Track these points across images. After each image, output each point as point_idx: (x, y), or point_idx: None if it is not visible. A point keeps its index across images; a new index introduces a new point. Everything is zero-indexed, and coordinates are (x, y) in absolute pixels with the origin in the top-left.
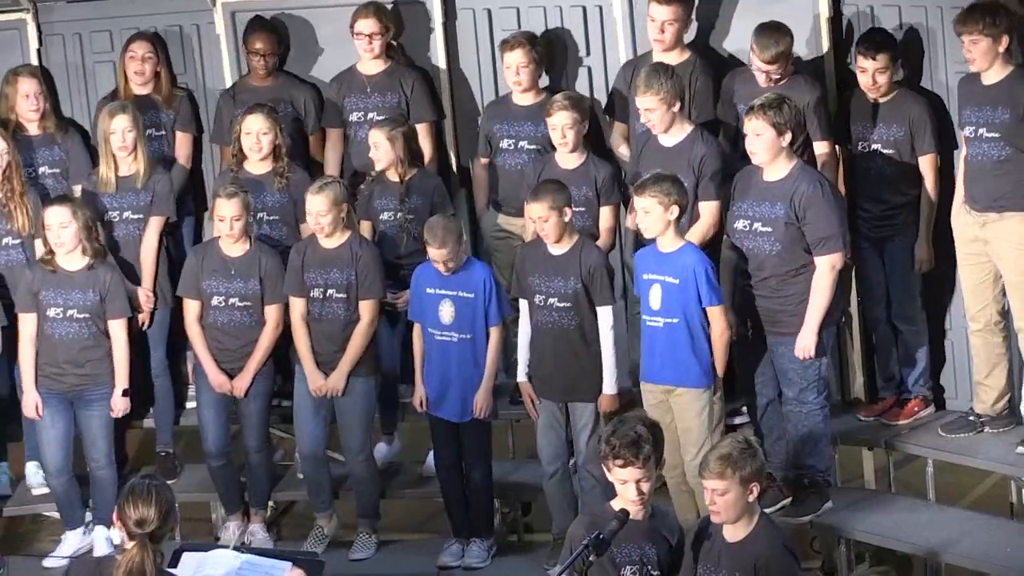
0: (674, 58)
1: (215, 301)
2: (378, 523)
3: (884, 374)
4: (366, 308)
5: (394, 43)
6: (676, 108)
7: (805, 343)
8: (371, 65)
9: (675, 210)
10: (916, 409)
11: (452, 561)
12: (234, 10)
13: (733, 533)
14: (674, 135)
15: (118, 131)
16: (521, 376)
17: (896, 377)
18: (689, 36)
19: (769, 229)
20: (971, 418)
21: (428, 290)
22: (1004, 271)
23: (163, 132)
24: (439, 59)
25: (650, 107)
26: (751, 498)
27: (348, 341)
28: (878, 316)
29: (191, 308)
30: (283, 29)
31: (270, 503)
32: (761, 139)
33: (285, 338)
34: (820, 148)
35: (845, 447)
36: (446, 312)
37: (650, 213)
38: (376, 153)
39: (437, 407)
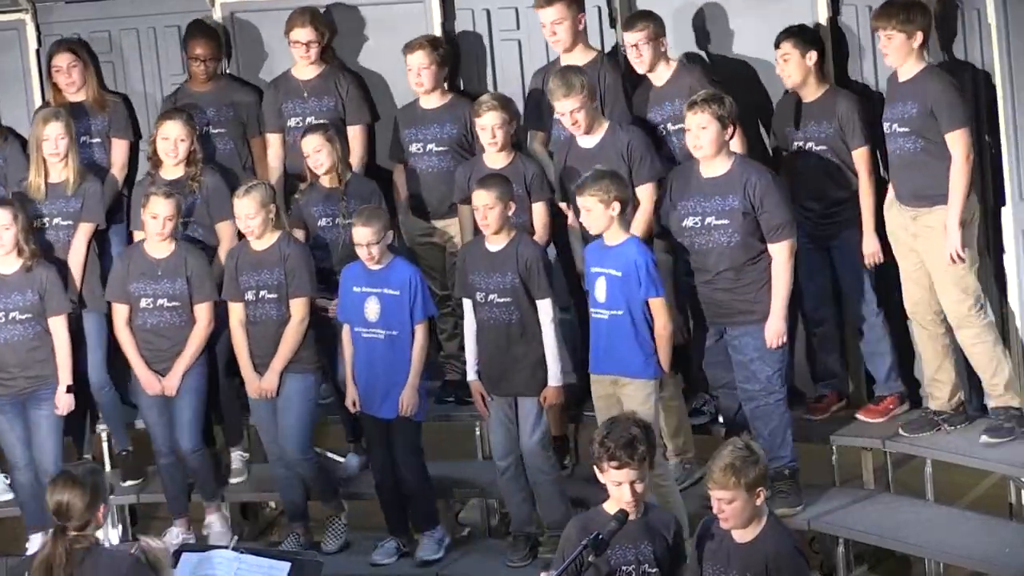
0: (580, 57)
1: (143, 303)
2: (342, 502)
3: (825, 373)
4: (296, 306)
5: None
6: (595, 104)
7: (776, 329)
8: (306, 70)
9: (616, 206)
10: (891, 406)
11: (383, 559)
12: (233, 10)
13: (742, 534)
14: (595, 134)
15: (51, 138)
16: (471, 375)
17: (837, 375)
18: (690, 42)
19: (725, 221)
20: (931, 416)
21: (355, 288)
22: (931, 265)
23: (98, 139)
24: None
25: (575, 107)
26: (758, 502)
27: None
28: (823, 316)
29: (119, 312)
30: (223, 33)
31: (270, 503)
32: (707, 132)
33: None
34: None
35: (844, 447)
36: (371, 309)
37: (592, 211)
38: (318, 157)
39: (368, 405)
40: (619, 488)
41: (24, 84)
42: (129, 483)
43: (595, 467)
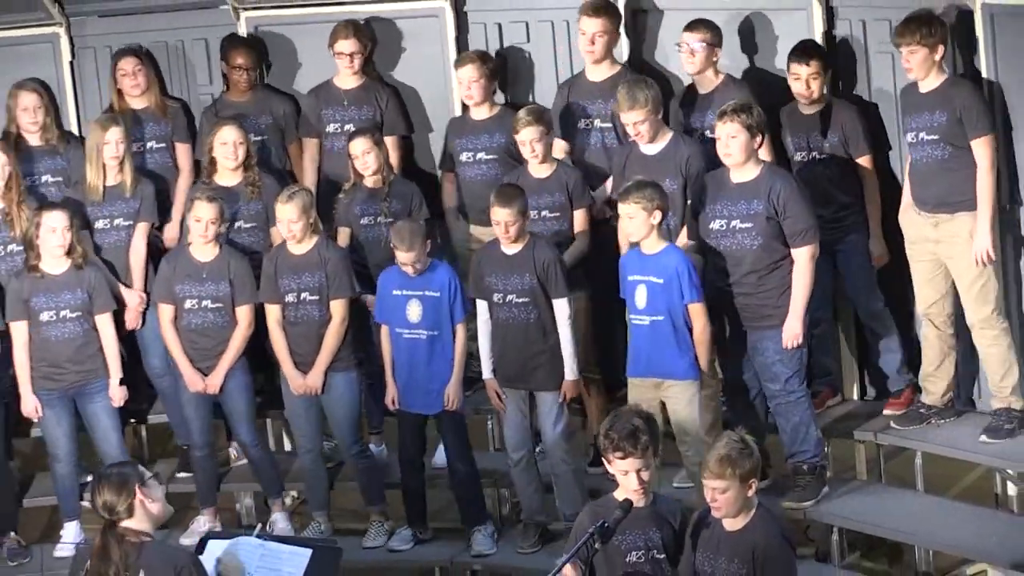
0: (605, 71)
1: (188, 304)
2: (386, 507)
3: (820, 370)
4: (337, 307)
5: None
6: (660, 115)
7: (794, 330)
8: (349, 80)
9: (657, 215)
10: (911, 396)
11: (400, 545)
12: (257, 24)
13: (732, 523)
14: (658, 143)
15: (112, 142)
16: (487, 373)
17: (832, 372)
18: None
19: (749, 225)
20: (921, 410)
21: (395, 291)
22: (955, 270)
23: (160, 144)
24: (452, 71)
25: (639, 119)
26: (750, 493)
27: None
28: (822, 317)
29: (165, 312)
30: (261, 45)
31: (292, 493)
32: (736, 141)
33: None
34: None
35: (838, 440)
36: (414, 311)
37: (634, 219)
38: (366, 160)
39: (406, 403)
40: (626, 477)
41: (59, 93)
42: (184, 475)
43: (603, 458)
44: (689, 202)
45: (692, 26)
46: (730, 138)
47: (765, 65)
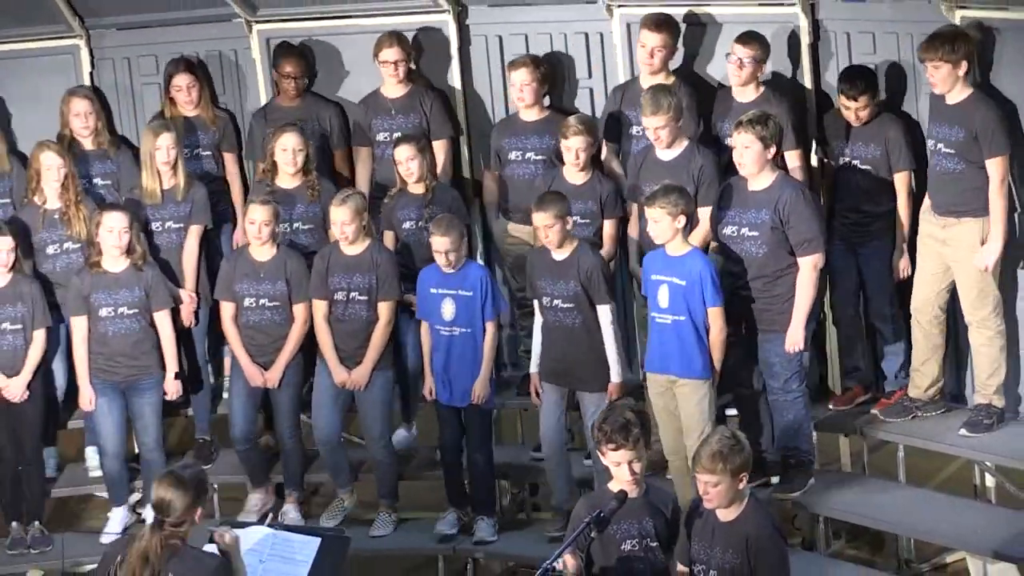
0: (661, 81)
1: (247, 302)
2: (396, 503)
3: (850, 367)
4: (384, 308)
5: (413, 67)
6: (680, 123)
7: (795, 337)
8: (394, 89)
9: (682, 219)
10: (902, 399)
11: (448, 529)
12: (268, 36)
13: (726, 514)
14: (674, 149)
15: (163, 148)
16: (534, 368)
17: (861, 369)
18: (676, 62)
19: (756, 233)
20: (906, 403)
21: (432, 290)
22: (958, 271)
23: (208, 151)
24: (455, 80)
25: (660, 125)
26: (741, 486)
27: (368, 339)
28: (849, 314)
29: (226, 309)
30: (310, 53)
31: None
32: (749, 151)
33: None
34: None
35: (824, 434)
36: (447, 309)
37: (659, 222)
38: (409, 166)
39: (442, 395)
40: (619, 468)
41: None
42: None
43: (596, 451)
44: (710, 207)
45: (744, 39)
46: (744, 148)
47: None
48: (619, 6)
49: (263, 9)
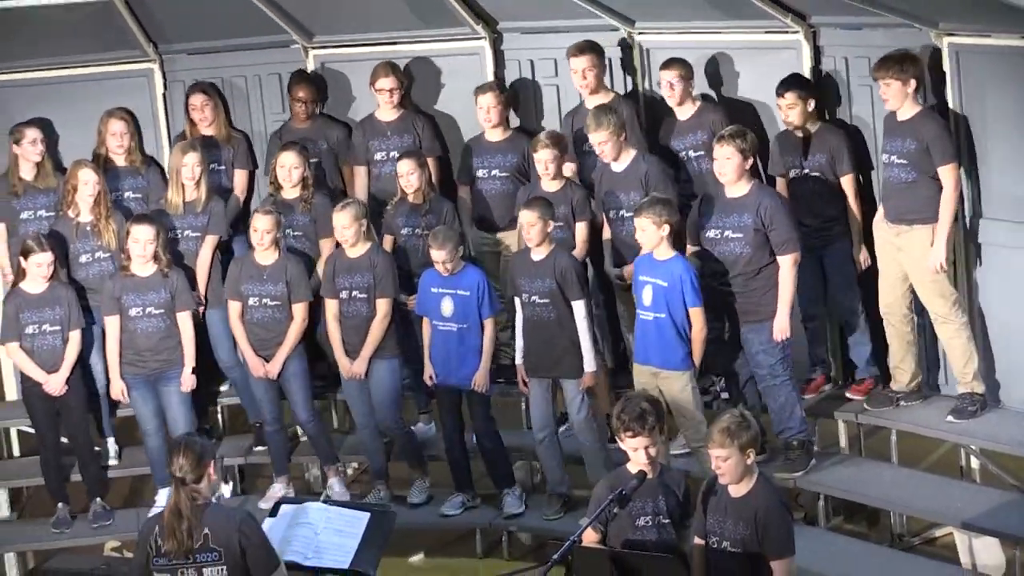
0: (601, 99)
1: (251, 301)
2: (426, 469)
3: (817, 360)
4: (382, 304)
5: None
6: (622, 138)
7: (781, 326)
8: (389, 113)
9: (666, 227)
10: (871, 386)
11: (451, 511)
12: (323, 60)
13: (737, 490)
14: (623, 161)
15: (188, 165)
16: (518, 359)
17: (827, 361)
18: (697, 88)
19: (740, 235)
20: (890, 395)
21: (432, 289)
22: (912, 273)
23: (224, 167)
24: None
25: (603, 140)
26: (749, 461)
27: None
28: (815, 313)
29: (234, 308)
30: (321, 81)
31: (353, 464)
32: (731, 162)
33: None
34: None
35: (823, 420)
36: (447, 307)
37: (646, 231)
38: (410, 179)
39: (442, 380)
40: (635, 453)
41: (153, 121)
42: (260, 448)
43: (616, 436)
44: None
45: (667, 65)
46: (725, 159)
47: (762, 96)
48: (639, 33)
49: (319, 36)
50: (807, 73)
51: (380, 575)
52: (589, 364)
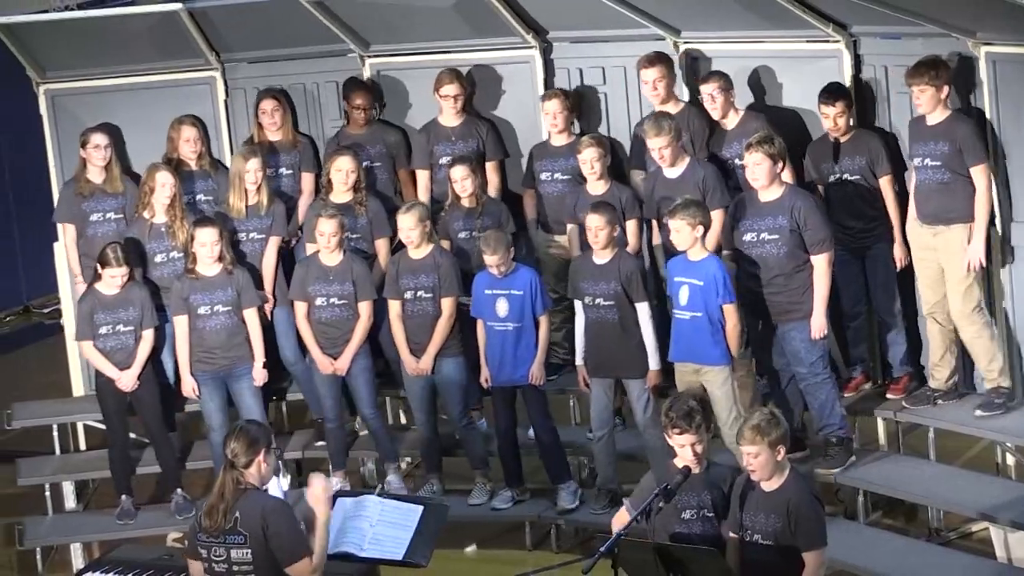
0: (671, 109)
1: (319, 301)
2: (489, 471)
3: (857, 359)
4: (447, 303)
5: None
6: (679, 144)
7: (819, 324)
8: (452, 118)
9: (700, 229)
10: (908, 383)
11: (502, 505)
12: (379, 68)
13: (769, 484)
14: (678, 167)
15: (251, 170)
16: (579, 360)
17: (866, 359)
18: (746, 98)
19: (776, 236)
20: (928, 393)
21: (486, 291)
22: (948, 272)
23: (290, 170)
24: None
25: (662, 145)
26: (779, 457)
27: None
28: (858, 312)
29: (300, 308)
30: (377, 88)
31: (407, 459)
32: (761, 167)
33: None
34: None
35: (863, 417)
36: (502, 307)
37: (680, 232)
38: (464, 184)
39: (498, 380)
40: (682, 449)
41: (215, 127)
42: (321, 443)
43: (663, 433)
44: (723, 216)
45: (706, 79)
46: (756, 165)
47: (804, 104)
48: (685, 42)
49: (374, 45)
50: (847, 82)
51: (433, 566)
52: (654, 363)
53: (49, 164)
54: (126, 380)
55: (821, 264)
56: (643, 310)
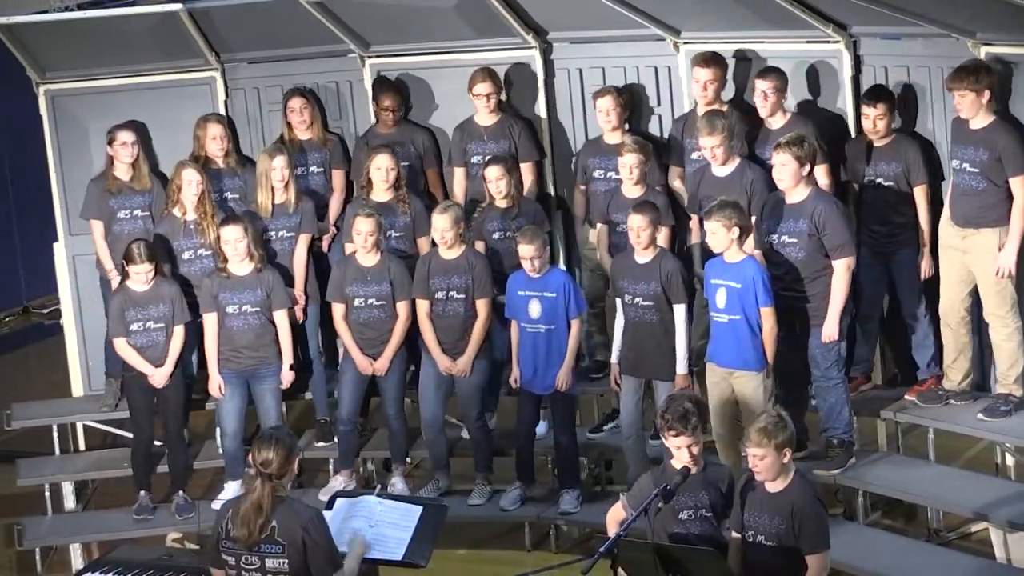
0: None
1: (357, 302)
2: (491, 475)
3: (860, 360)
4: (482, 305)
5: (503, 98)
6: (732, 143)
7: (830, 330)
8: (486, 118)
9: (736, 231)
10: (933, 386)
11: (510, 505)
12: (379, 69)
13: (774, 486)
14: (728, 166)
15: (277, 168)
16: (614, 358)
17: (867, 361)
18: (728, 94)
19: (795, 240)
20: (940, 393)
21: (520, 292)
22: (979, 274)
23: (320, 168)
24: (541, 109)
25: (715, 144)
26: (785, 460)
27: (466, 332)
28: (872, 315)
29: (338, 309)
30: (406, 88)
31: (408, 459)
32: (787, 168)
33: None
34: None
35: (863, 417)
36: (534, 309)
37: (716, 234)
38: (499, 184)
39: (529, 384)
40: (679, 451)
41: None
42: (321, 444)
43: (660, 434)
44: (754, 218)
45: (763, 73)
46: (781, 166)
47: (803, 103)
48: (684, 43)
49: (375, 46)
50: (848, 82)
51: (432, 567)
52: (682, 367)
53: (49, 164)
54: (159, 377)
55: (840, 269)
56: (680, 312)
